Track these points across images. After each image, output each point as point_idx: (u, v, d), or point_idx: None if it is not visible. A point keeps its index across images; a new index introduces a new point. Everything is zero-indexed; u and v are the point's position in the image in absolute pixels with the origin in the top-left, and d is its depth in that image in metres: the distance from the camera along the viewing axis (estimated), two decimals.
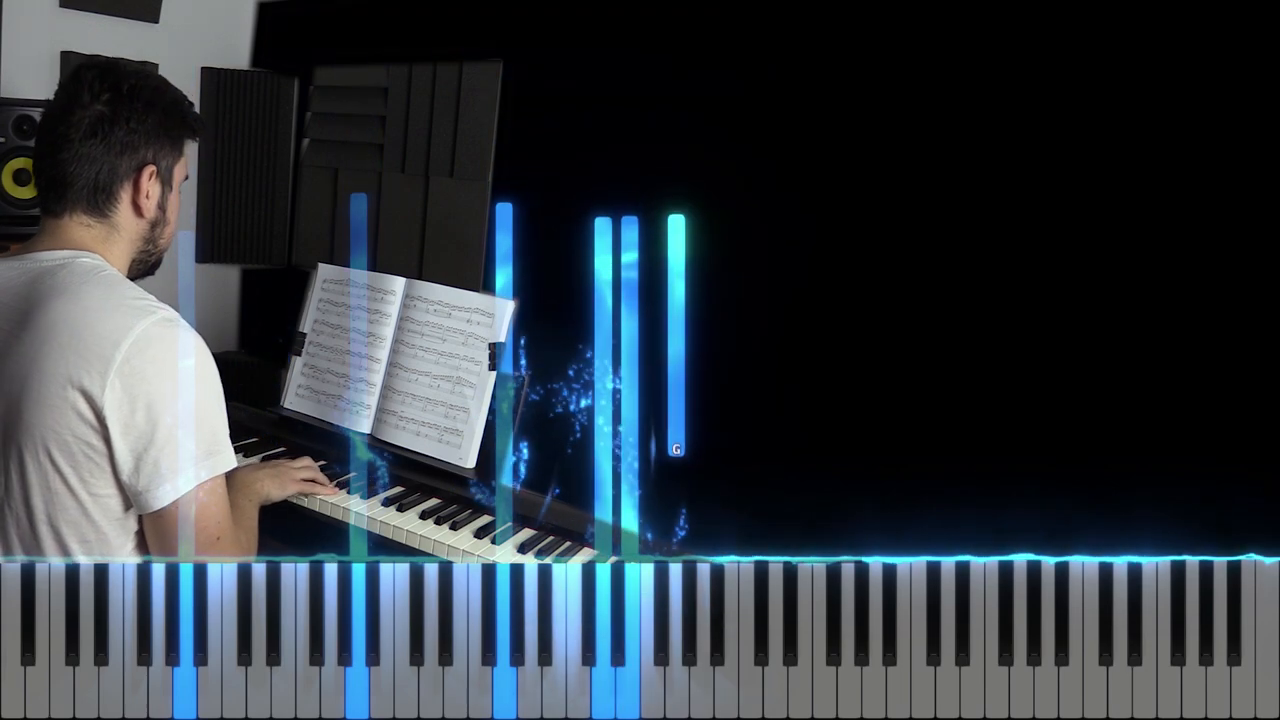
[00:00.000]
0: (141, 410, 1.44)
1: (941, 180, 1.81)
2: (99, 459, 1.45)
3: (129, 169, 1.55)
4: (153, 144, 1.57)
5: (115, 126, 1.53)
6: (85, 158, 1.52)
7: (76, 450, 1.44)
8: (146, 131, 1.55)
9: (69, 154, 1.52)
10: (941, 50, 1.83)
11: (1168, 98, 1.66)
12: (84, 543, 1.48)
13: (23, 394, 1.43)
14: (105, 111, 1.52)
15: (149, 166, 1.57)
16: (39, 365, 1.43)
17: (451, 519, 1.96)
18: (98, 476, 1.46)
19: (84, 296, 1.47)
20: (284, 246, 2.73)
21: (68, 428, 1.43)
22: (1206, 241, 1.64)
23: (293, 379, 2.31)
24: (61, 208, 1.55)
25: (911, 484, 1.72)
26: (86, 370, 1.42)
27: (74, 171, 1.52)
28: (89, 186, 1.53)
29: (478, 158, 2.36)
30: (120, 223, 1.57)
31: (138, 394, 1.43)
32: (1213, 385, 1.63)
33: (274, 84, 2.73)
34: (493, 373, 2.06)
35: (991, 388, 1.75)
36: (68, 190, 1.53)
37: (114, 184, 1.55)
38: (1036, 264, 1.74)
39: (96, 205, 1.55)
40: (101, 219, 1.56)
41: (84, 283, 1.49)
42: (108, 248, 1.56)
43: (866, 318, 1.87)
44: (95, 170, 1.53)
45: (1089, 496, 1.61)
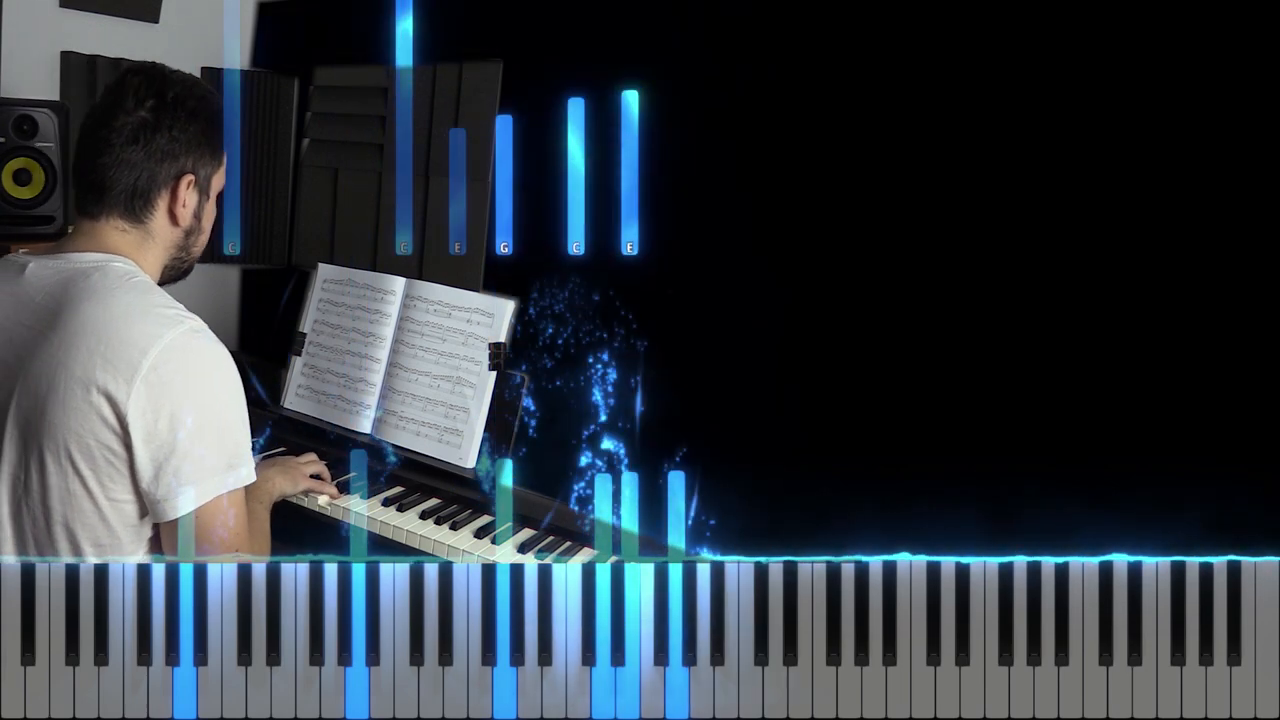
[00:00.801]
0: (165, 419, 1.44)
1: (941, 179, 1.81)
2: (119, 464, 1.45)
3: (168, 177, 1.56)
4: (193, 153, 1.57)
5: (157, 134, 1.54)
6: (125, 163, 1.53)
7: (98, 455, 1.44)
8: (188, 141, 1.56)
9: (110, 158, 1.53)
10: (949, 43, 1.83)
11: (1167, 98, 1.66)
12: (97, 546, 1.48)
13: (48, 394, 1.44)
14: (148, 118, 1.53)
15: (188, 176, 1.57)
16: (66, 367, 1.43)
17: (451, 519, 1.96)
18: (117, 482, 1.46)
19: (114, 302, 1.48)
20: (284, 246, 2.73)
21: (90, 431, 1.43)
22: (1206, 241, 1.64)
23: (293, 379, 2.31)
24: (98, 211, 1.55)
25: (911, 484, 1.71)
26: (113, 376, 1.42)
27: (113, 176, 1.53)
28: (127, 192, 1.54)
29: (478, 158, 2.36)
30: (155, 229, 1.58)
31: (162, 402, 1.44)
32: (1213, 385, 1.63)
33: (274, 84, 2.73)
34: (493, 373, 2.07)
35: (991, 388, 1.75)
36: (105, 194, 1.54)
37: (152, 191, 1.55)
38: (1037, 263, 1.74)
39: (133, 211, 1.55)
40: (137, 225, 1.56)
41: (115, 288, 1.49)
42: (142, 253, 1.57)
43: (866, 318, 1.87)
44: (134, 176, 1.54)
45: (1089, 496, 1.61)
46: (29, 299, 1.51)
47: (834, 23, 1.92)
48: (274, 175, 2.73)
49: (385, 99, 2.52)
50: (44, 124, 2.18)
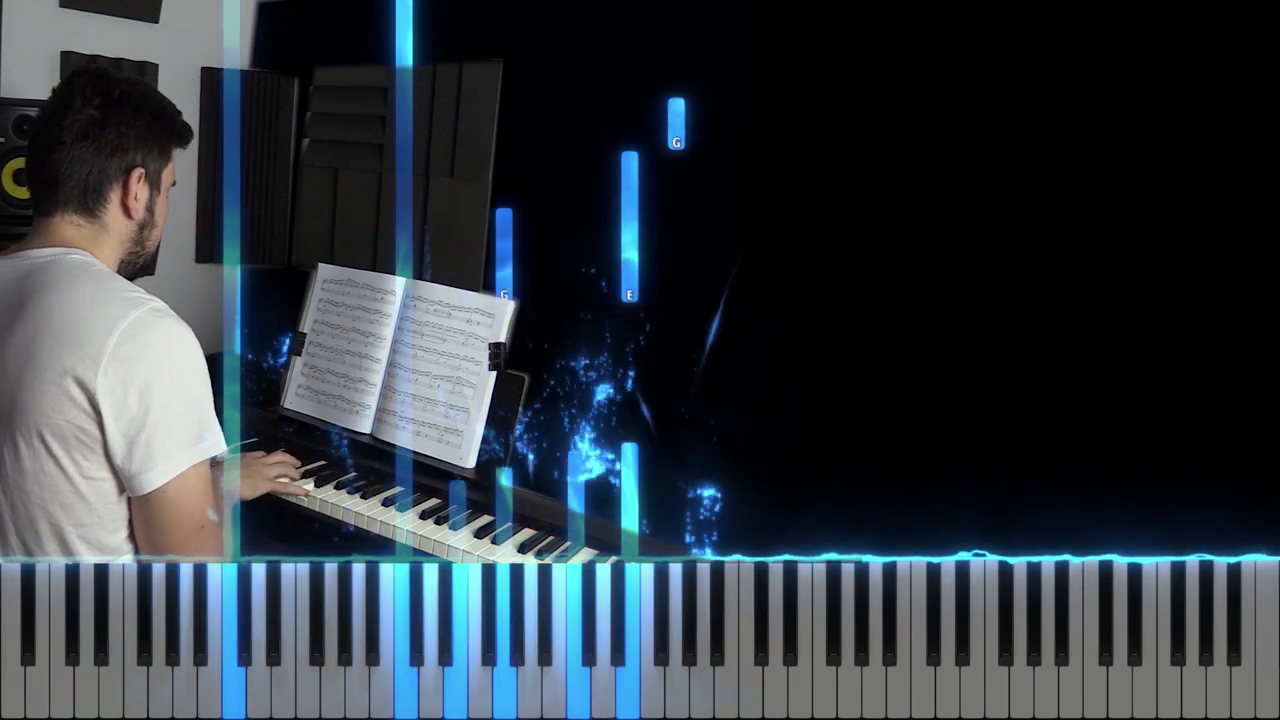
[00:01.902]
0: (134, 395, 1.47)
1: (942, 179, 1.81)
2: (93, 443, 1.48)
3: (118, 171, 1.60)
4: (141, 148, 1.62)
5: (105, 130, 1.58)
6: (76, 159, 1.57)
7: (70, 435, 1.47)
8: (135, 135, 1.61)
9: (60, 155, 1.57)
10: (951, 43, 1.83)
11: (1168, 99, 1.66)
12: (80, 526, 1.50)
13: (18, 385, 1.47)
14: (96, 115, 1.58)
15: (137, 169, 1.62)
16: (34, 356, 1.47)
17: (452, 519, 1.96)
18: (91, 460, 1.49)
19: (75, 289, 1.51)
20: (284, 246, 2.73)
21: (62, 414, 1.46)
22: (1206, 242, 1.64)
23: (293, 379, 2.31)
24: (53, 207, 1.59)
25: (911, 484, 1.71)
26: (80, 359, 1.46)
27: (65, 172, 1.57)
28: (80, 187, 1.58)
29: (478, 158, 2.36)
30: (109, 223, 1.62)
31: (130, 379, 1.47)
32: (1213, 386, 1.63)
33: (274, 84, 2.73)
34: (493, 373, 2.07)
35: (992, 388, 1.75)
36: (59, 190, 1.58)
37: (104, 185, 1.60)
38: (1038, 263, 1.74)
39: (87, 205, 1.59)
40: (91, 219, 1.60)
41: (76, 276, 1.53)
42: (97, 246, 1.61)
43: (867, 318, 1.87)
44: (86, 171, 1.58)
45: (1089, 496, 1.61)
46: None
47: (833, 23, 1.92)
48: (274, 175, 2.73)
49: (385, 99, 2.52)
50: None
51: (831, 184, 1.92)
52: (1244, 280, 1.63)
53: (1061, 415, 1.71)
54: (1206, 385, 1.63)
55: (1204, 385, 1.63)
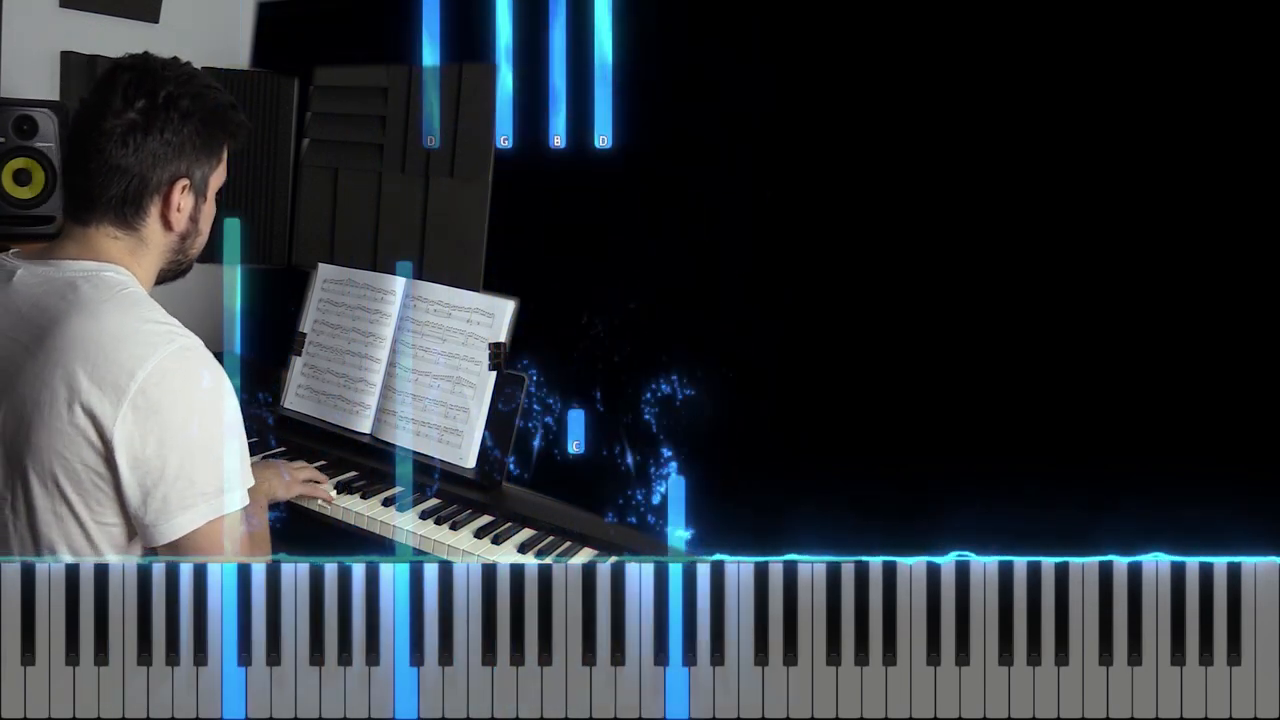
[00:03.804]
0: (153, 444, 1.38)
1: (942, 179, 1.81)
2: (106, 487, 1.40)
3: (160, 182, 1.48)
4: (187, 156, 1.49)
5: (149, 137, 1.45)
6: (115, 169, 1.45)
7: (85, 478, 1.40)
8: (181, 143, 1.48)
9: (98, 164, 1.45)
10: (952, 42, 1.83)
11: (1168, 100, 1.66)
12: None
13: (34, 414, 1.38)
14: (138, 120, 1.45)
15: (182, 180, 1.49)
16: (50, 386, 1.38)
17: (451, 519, 1.96)
18: (105, 505, 1.42)
19: (104, 317, 1.41)
20: (284, 246, 2.73)
21: (76, 455, 1.38)
22: (1206, 242, 1.64)
23: (293, 379, 2.31)
24: (89, 217, 1.48)
25: (911, 484, 1.72)
26: (99, 397, 1.37)
27: (103, 183, 1.45)
28: (117, 199, 1.46)
29: (478, 158, 2.36)
30: (148, 236, 1.51)
31: (150, 427, 1.38)
32: (1212, 386, 1.63)
33: (274, 84, 2.73)
34: (493, 373, 2.06)
35: (992, 389, 1.75)
36: (95, 202, 1.47)
37: (144, 197, 1.48)
38: (1038, 264, 1.74)
39: (124, 218, 1.48)
40: (129, 231, 1.49)
41: (105, 300, 1.43)
42: (135, 260, 1.50)
43: (867, 318, 1.87)
44: (125, 183, 1.46)
45: (1089, 496, 1.61)
46: (15, 309, 1.44)
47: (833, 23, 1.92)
48: (274, 175, 2.73)
49: (385, 99, 2.52)
50: (44, 124, 2.18)
51: (831, 184, 1.92)
52: (1244, 280, 1.63)
53: (1061, 415, 1.71)
54: (1206, 385, 1.63)
55: (1204, 385, 1.63)
